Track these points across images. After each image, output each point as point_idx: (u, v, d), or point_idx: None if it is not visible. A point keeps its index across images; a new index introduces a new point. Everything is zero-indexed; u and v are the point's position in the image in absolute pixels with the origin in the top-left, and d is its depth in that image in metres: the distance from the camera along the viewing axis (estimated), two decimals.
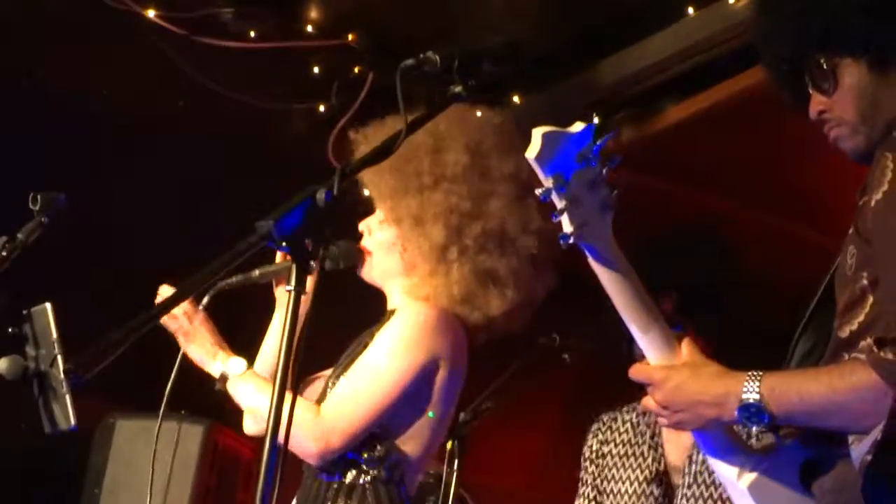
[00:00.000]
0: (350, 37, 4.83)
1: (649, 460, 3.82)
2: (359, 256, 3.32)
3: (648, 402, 2.44)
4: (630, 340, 2.49)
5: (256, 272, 3.22)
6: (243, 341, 3.24)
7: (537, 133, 2.29)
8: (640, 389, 2.50)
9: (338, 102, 5.01)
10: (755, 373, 2.33)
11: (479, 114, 3.39)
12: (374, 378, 3.09)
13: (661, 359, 2.43)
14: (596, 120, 4.82)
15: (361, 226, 3.34)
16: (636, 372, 2.45)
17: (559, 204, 2.30)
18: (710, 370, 2.40)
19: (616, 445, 3.92)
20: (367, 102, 4.90)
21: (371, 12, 4.81)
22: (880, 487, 2.23)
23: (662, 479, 3.79)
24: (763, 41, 2.55)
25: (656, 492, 3.78)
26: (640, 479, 3.82)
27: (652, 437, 3.86)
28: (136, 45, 4.67)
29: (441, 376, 3.15)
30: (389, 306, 3.33)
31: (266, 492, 2.16)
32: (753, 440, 3.23)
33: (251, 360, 3.23)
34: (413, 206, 3.23)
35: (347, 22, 4.83)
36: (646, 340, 2.42)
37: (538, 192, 2.30)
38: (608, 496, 3.89)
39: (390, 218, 3.28)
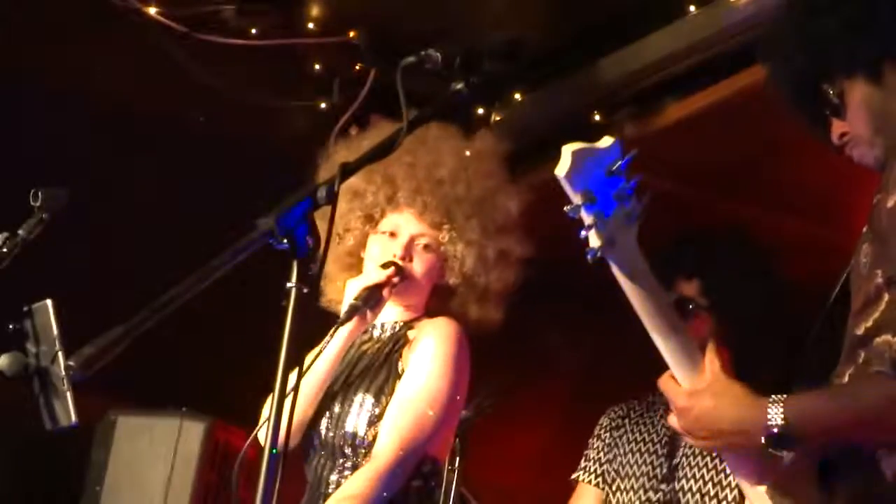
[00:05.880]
0: (351, 34, 4.83)
1: (664, 431, 3.87)
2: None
3: (674, 421, 2.45)
4: None
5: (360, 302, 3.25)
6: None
7: (567, 150, 2.28)
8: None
9: (339, 100, 5.01)
10: (777, 397, 2.29)
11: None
12: (439, 408, 3.23)
13: (681, 368, 2.43)
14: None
15: (399, 252, 3.38)
16: (663, 384, 2.46)
17: (587, 220, 2.30)
18: (730, 396, 2.36)
19: (632, 419, 3.98)
20: (368, 100, 4.90)
21: (372, 9, 4.80)
22: None
23: (675, 444, 3.83)
24: (773, 82, 2.60)
25: (668, 461, 3.81)
26: (654, 446, 3.88)
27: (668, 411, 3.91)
28: (137, 42, 4.66)
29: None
30: (395, 317, 3.41)
31: (267, 492, 2.16)
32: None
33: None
34: (461, 194, 3.45)
35: (349, 19, 4.83)
36: (667, 349, 2.43)
37: (567, 209, 2.28)
38: (621, 465, 3.92)
39: (443, 229, 3.43)
